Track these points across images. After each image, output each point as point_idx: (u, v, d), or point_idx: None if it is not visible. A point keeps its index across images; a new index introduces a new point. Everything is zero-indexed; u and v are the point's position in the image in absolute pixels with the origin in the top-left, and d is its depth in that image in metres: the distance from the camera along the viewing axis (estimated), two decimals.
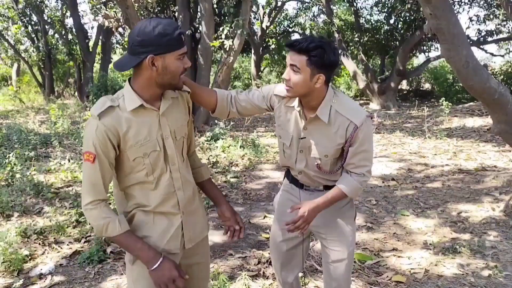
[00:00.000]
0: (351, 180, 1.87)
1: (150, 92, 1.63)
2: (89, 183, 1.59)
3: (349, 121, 1.81)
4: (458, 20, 3.65)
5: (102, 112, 1.56)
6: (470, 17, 14.57)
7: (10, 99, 16.29)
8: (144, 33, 1.53)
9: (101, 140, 1.54)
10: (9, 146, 7.46)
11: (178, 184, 1.73)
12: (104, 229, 1.58)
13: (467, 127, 9.36)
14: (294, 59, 1.75)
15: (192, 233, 1.82)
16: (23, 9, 17.66)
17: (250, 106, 2.01)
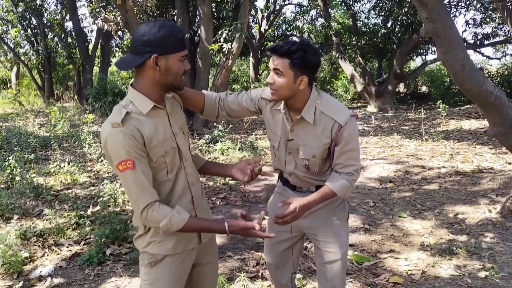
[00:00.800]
0: (340, 179, 1.89)
1: (155, 93, 1.67)
2: (137, 190, 1.58)
3: (334, 121, 1.84)
4: (454, 24, 3.70)
5: (123, 118, 1.57)
6: (467, 20, 14.70)
7: (10, 102, 16.32)
8: (150, 33, 1.57)
9: (132, 144, 1.56)
10: (9, 149, 7.48)
11: (192, 179, 1.79)
12: (169, 226, 1.60)
13: (464, 129, 9.41)
14: (277, 63, 1.77)
15: None
16: (23, 12, 17.71)
17: (239, 108, 2.03)
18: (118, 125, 1.56)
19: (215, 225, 1.69)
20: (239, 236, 4.04)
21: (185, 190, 1.76)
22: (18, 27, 18.59)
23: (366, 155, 7.42)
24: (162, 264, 1.74)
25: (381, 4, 15.61)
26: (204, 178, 6.07)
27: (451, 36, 3.56)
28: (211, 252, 1.97)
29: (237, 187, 5.68)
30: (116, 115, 1.59)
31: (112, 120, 1.58)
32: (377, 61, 18.59)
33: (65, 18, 18.08)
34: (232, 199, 5.23)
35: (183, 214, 1.63)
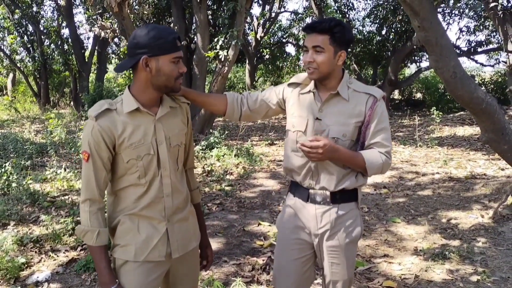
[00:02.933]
0: (376, 152, 1.82)
1: (147, 96, 1.69)
2: (84, 181, 1.66)
3: (368, 95, 1.85)
4: (446, 32, 3.78)
5: (99, 113, 1.63)
6: (461, 28, 14.89)
7: (6, 108, 16.30)
8: (139, 36, 1.63)
9: (95, 140, 1.62)
10: (5, 155, 7.48)
11: (167, 191, 1.75)
12: (83, 234, 1.66)
13: (458, 135, 9.50)
14: (317, 40, 1.79)
15: (180, 242, 1.80)
16: (19, 19, 17.76)
17: (261, 101, 2.05)
18: (92, 118, 1.62)
19: (103, 275, 1.67)
20: (235, 241, 4.09)
21: (157, 199, 1.73)
22: (14, 34, 18.62)
23: None
24: (126, 269, 1.74)
25: (375, 12, 15.77)
26: (200, 184, 6.10)
27: (442, 44, 3.64)
28: (189, 265, 1.92)
29: (233, 193, 5.72)
30: (95, 109, 1.65)
31: (90, 112, 1.65)
32: (372, 68, 18.73)
33: (61, 25, 18.12)
34: (228, 205, 5.27)
35: (99, 239, 1.66)
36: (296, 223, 1.99)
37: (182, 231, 1.82)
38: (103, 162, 1.65)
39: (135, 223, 1.73)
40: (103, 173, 1.67)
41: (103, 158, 1.65)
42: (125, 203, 1.73)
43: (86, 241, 1.67)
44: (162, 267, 1.79)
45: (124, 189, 1.73)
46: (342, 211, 1.91)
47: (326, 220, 1.91)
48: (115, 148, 1.66)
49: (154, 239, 1.73)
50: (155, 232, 1.74)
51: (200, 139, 8.90)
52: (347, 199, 1.92)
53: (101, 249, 1.68)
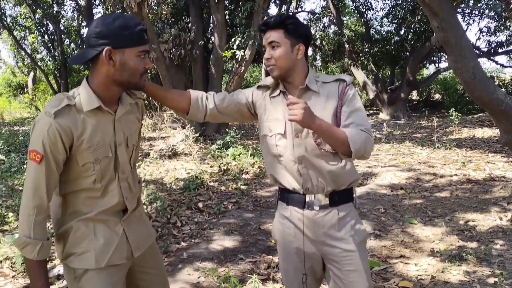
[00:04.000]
0: (356, 128, 1.70)
1: (108, 92, 1.55)
2: (32, 185, 1.46)
3: (338, 81, 1.80)
4: (465, 33, 3.76)
5: (58, 110, 1.45)
6: (481, 28, 14.65)
7: (26, 106, 16.65)
8: (103, 24, 1.47)
9: (52, 140, 1.44)
10: (26, 152, 7.65)
11: (126, 194, 1.65)
12: (22, 246, 1.47)
13: (477, 137, 9.38)
14: (272, 36, 1.76)
15: (138, 240, 1.73)
16: (40, 19, 18.11)
17: (229, 101, 1.94)
18: (50, 115, 1.44)
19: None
20: (250, 239, 4.13)
21: (115, 204, 1.62)
22: (35, 33, 18.99)
23: (377, 162, 7.45)
24: (88, 277, 1.58)
25: (394, 12, 15.65)
26: (216, 183, 6.17)
27: (462, 45, 3.62)
28: (153, 263, 1.83)
29: (249, 192, 5.76)
30: (54, 104, 1.47)
31: (47, 108, 1.46)
32: (390, 69, 18.59)
33: (81, 25, 18.44)
34: (244, 203, 5.31)
35: (41, 254, 1.49)
36: (296, 234, 1.87)
37: (137, 228, 1.74)
38: (57, 164, 1.48)
39: (91, 228, 1.59)
40: (55, 177, 1.50)
41: (57, 161, 1.47)
42: (75, 206, 1.58)
43: (25, 254, 1.48)
44: (124, 269, 1.70)
45: (76, 192, 1.57)
46: (343, 213, 1.82)
47: (329, 224, 1.80)
48: (71, 149, 1.50)
49: (113, 242, 1.62)
50: (113, 235, 1.63)
51: (216, 138, 8.97)
52: (345, 200, 1.84)
53: (41, 264, 1.51)
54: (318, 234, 1.82)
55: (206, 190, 5.80)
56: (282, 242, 1.94)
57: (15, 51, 22.33)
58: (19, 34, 19.86)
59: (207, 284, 3.27)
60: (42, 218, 1.49)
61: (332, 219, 1.80)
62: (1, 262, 3.52)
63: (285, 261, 1.95)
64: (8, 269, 3.45)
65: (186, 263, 3.63)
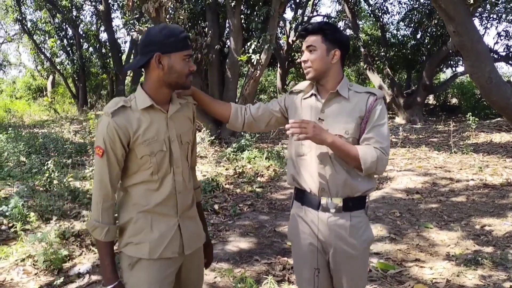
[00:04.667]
0: (370, 146, 1.81)
1: (159, 93, 1.72)
2: (98, 177, 1.67)
3: (369, 94, 1.88)
4: (481, 37, 3.77)
5: (115, 110, 1.64)
6: (499, 32, 14.48)
7: (45, 109, 16.96)
8: (152, 34, 1.68)
9: (110, 137, 1.63)
10: (46, 154, 7.83)
11: (179, 188, 1.78)
12: (92, 229, 1.68)
13: (494, 142, 9.28)
14: (310, 40, 1.89)
15: (190, 238, 1.83)
16: (60, 23, 18.50)
17: (264, 109, 2.08)
18: (108, 114, 1.64)
19: (107, 272, 1.70)
20: (266, 241, 4.17)
21: (170, 196, 1.75)
22: (55, 37, 19.38)
23: (393, 166, 7.43)
24: (141, 266, 1.73)
25: (410, 15, 15.58)
26: (231, 185, 6.23)
27: (478, 49, 3.63)
28: (196, 262, 1.94)
29: (264, 195, 5.81)
30: (111, 105, 1.66)
31: (105, 108, 1.67)
32: (406, 73, 18.48)
33: (100, 29, 18.79)
34: (259, 206, 5.36)
35: (107, 236, 1.68)
36: (309, 233, 1.95)
37: (191, 228, 1.86)
38: (117, 158, 1.67)
39: (148, 221, 1.73)
40: (116, 170, 1.68)
41: (117, 155, 1.66)
42: (136, 199, 1.73)
43: (95, 236, 1.70)
44: (175, 263, 1.81)
45: (136, 185, 1.73)
46: (356, 219, 1.89)
47: (341, 230, 1.87)
48: (129, 144, 1.67)
49: (167, 236, 1.75)
50: (169, 229, 1.76)
51: (232, 141, 9.04)
52: (358, 206, 1.90)
53: (108, 245, 1.70)
54: (330, 236, 1.90)
55: (221, 192, 5.87)
56: (296, 240, 2.02)
57: (35, 55, 22.82)
58: (39, 38, 20.30)
59: (223, 284, 3.32)
60: (109, 205, 1.69)
61: (345, 223, 1.88)
62: (24, 260, 3.63)
63: (299, 258, 2.03)
64: (30, 267, 3.55)
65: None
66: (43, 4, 18.03)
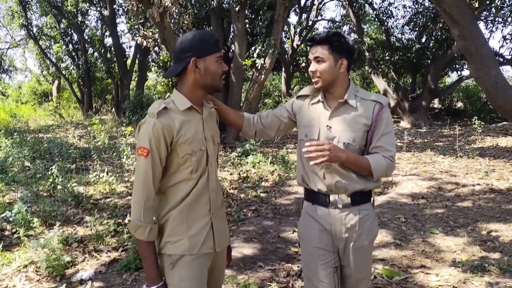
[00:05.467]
0: (380, 156, 1.91)
1: (195, 96, 1.81)
2: (141, 177, 1.71)
3: (375, 102, 1.95)
4: (487, 41, 3.73)
5: (160, 111, 1.72)
6: (504, 35, 14.40)
7: (51, 114, 17.04)
8: (186, 41, 1.77)
9: (156, 137, 1.69)
10: (50, 159, 7.85)
11: (213, 186, 1.87)
12: (135, 229, 1.72)
13: (500, 146, 9.21)
14: (317, 51, 1.92)
15: (221, 236, 1.91)
16: (65, 29, 18.63)
17: (272, 116, 2.16)
18: (153, 115, 1.71)
19: (151, 271, 1.74)
20: (270, 247, 4.14)
21: (204, 193, 1.83)
22: (60, 42, 19.50)
23: (398, 170, 7.37)
24: (182, 263, 1.78)
25: (415, 19, 15.54)
26: (236, 190, 6.21)
27: (483, 53, 3.60)
28: (221, 262, 2.03)
29: (268, 200, 5.78)
30: (155, 107, 1.74)
31: (150, 110, 1.74)
32: (411, 76, 18.42)
33: (105, 34, 18.87)
34: (263, 211, 5.33)
35: (150, 235, 1.72)
36: (321, 230, 2.03)
37: (221, 227, 1.93)
38: (160, 158, 1.72)
39: (184, 218, 1.79)
40: (159, 170, 1.74)
41: (161, 154, 1.72)
42: (174, 199, 1.79)
43: (137, 236, 1.73)
44: (210, 259, 1.89)
45: (175, 185, 1.79)
46: (364, 212, 1.99)
47: (351, 222, 1.97)
48: (172, 144, 1.74)
49: (203, 232, 1.82)
50: (204, 225, 1.83)
51: (236, 146, 9.02)
52: (365, 200, 2.01)
53: (151, 245, 1.75)
54: (341, 231, 1.99)
55: (226, 197, 5.85)
56: (307, 238, 2.08)
57: (40, 60, 22.99)
58: (45, 44, 20.45)
59: None
60: (150, 205, 1.73)
61: (354, 218, 1.98)
62: (26, 266, 3.63)
63: (309, 257, 2.07)
64: (33, 273, 3.54)
65: None
66: (49, 10, 18.16)
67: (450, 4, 3.62)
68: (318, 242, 2.03)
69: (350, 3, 15.03)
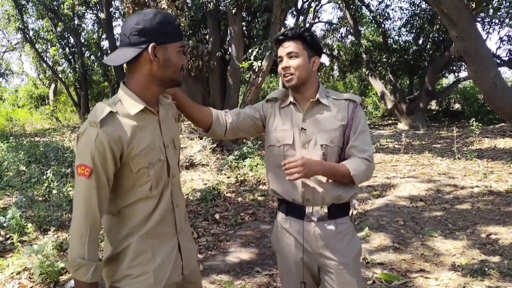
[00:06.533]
0: (357, 160, 1.79)
1: (149, 93, 1.47)
2: (83, 203, 1.37)
3: (349, 101, 1.86)
4: (485, 42, 3.70)
5: (103, 118, 1.36)
6: (501, 37, 14.43)
7: (47, 117, 16.97)
8: (145, 21, 1.39)
9: (100, 152, 1.35)
10: (46, 163, 7.78)
11: (177, 201, 1.58)
12: (75, 268, 1.39)
13: (498, 148, 9.19)
14: (290, 47, 1.82)
15: (189, 257, 1.65)
16: (62, 32, 18.58)
17: (244, 115, 1.98)
18: (95, 124, 1.35)
19: None
20: (267, 252, 4.09)
21: (168, 211, 1.54)
22: (56, 46, 19.45)
23: (396, 173, 7.34)
24: None
25: (412, 21, 15.55)
26: (233, 194, 6.16)
27: (481, 55, 3.57)
28: (193, 273, 1.73)
29: (266, 203, 5.73)
30: (98, 113, 1.37)
31: (91, 117, 1.38)
32: (408, 78, 18.44)
33: (101, 37, 18.82)
34: (261, 215, 5.28)
35: (94, 276, 1.39)
36: (296, 245, 1.88)
37: (188, 246, 1.66)
38: (107, 177, 1.39)
39: (148, 245, 1.50)
40: (106, 191, 1.41)
41: (108, 173, 1.39)
42: (133, 222, 1.48)
43: (78, 277, 1.39)
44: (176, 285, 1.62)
45: (132, 205, 1.48)
46: (341, 226, 1.84)
47: (328, 237, 1.82)
48: (122, 158, 1.41)
49: (171, 259, 1.55)
50: (170, 250, 1.55)
51: (233, 149, 8.97)
52: (343, 213, 1.86)
53: (93, 286, 1.42)
54: (317, 246, 1.84)
55: (223, 201, 5.80)
56: (282, 252, 1.96)
57: (37, 63, 22.91)
58: (41, 47, 20.39)
59: None
60: (96, 237, 1.41)
61: (330, 231, 1.83)
62: (20, 272, 3.56)
63: (284, 271, 1.96)
64: (26, 280, 3.48)
65: (202, 275, 3.61)
66: (45, 13, 18.12)
67: (449, 5, 3.59)
68: (293, 257, 1.89)
69: (347, 5, 15.03)
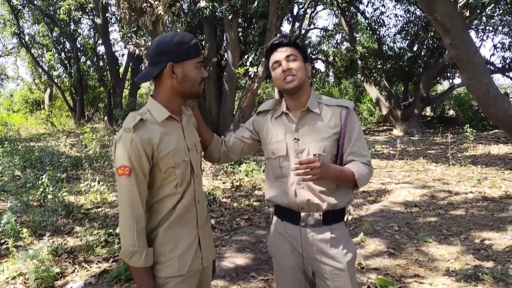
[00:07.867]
0: (360, 164, 1.81)
1: (173, 104, 1.69)
2: (127, 199, 1.57)
3: (341, 107, 1.87)
4: (478, 50, 3.75)
5: (136, 124, 1.59)
6: (495, 44, 14.58)
7: (43, 122, 16.91)
8: (163, 43, 1.63)
9: (136, 152, 1.56)
10: (42, 168, 7.76)
11: (199, 197, 1.76)
12: (129, 256, 1.57)
13: (492, 154, 9.25)
14: (288, 50, 1.85)
15: (208, 251, 1.81)
16: (58, 37, 18.58)
17: (234, 139, 2.05)
18: (129, 130, 1.58)
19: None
20: (263, 257, 4.10)
21: (191, 206, 1.72)
22: (52, 51, 19.43)
23: (391, 179, 7.38)
24: (172, 285, 1.66)
25: (407, 28, 15.68)
26: (228, 199, 6.17)
27: (475, 62, 3.61)
28: (208, 271, 1.90)
29: (261, 209, 5.74)
30: (130, 121, 1.60)
31: (125, 124, 1.60)
32: (403, 85, 18.54)
33: (97, 43, 18.83)
34: (256, 220, 5.29)
35: (147, 260, 1.59)
36: (292, 249, 1.91)
37: (207, 241, 1.83)
38: (144, 174, 1.60)
39: (172, 234, 1.68)
40: (145, 187, 1.62)
41: (144, 171, 1.60)
42: (160, 215, 1.67)
43: (132, 263, 1.59)
44: (198, 276, 1.78)
45: (160, 201, 1.67)
46: (336, 232, 1.86)
47: (322, 243, 1.84)
48: (153, 158, 1.62)
49: (192, 250, 1.71)
50: (191, 242, 1.72)
51: None
52: (338, 219, 1.88)
53: (148, 271, 1.61)
54: (312, 251, 1.86)
55: (218, 206, 5.81)
56: (277, 256, 1.99)
57: (32, 68, 22.89)
58: (37, 52, 20.39)
59: None
60: (142, 227, 1.60)
61: (325, 237, 1.85)
62: (15, 277, 3.56)
63: (280, 275, 1.99)
64: (21, 285, 3.48)
65: None
66: (41, 18, 18.13)
67: (442, 13, 3.64)
68: (289, 262, 1.92)
69: (343, 12, 15.13)
